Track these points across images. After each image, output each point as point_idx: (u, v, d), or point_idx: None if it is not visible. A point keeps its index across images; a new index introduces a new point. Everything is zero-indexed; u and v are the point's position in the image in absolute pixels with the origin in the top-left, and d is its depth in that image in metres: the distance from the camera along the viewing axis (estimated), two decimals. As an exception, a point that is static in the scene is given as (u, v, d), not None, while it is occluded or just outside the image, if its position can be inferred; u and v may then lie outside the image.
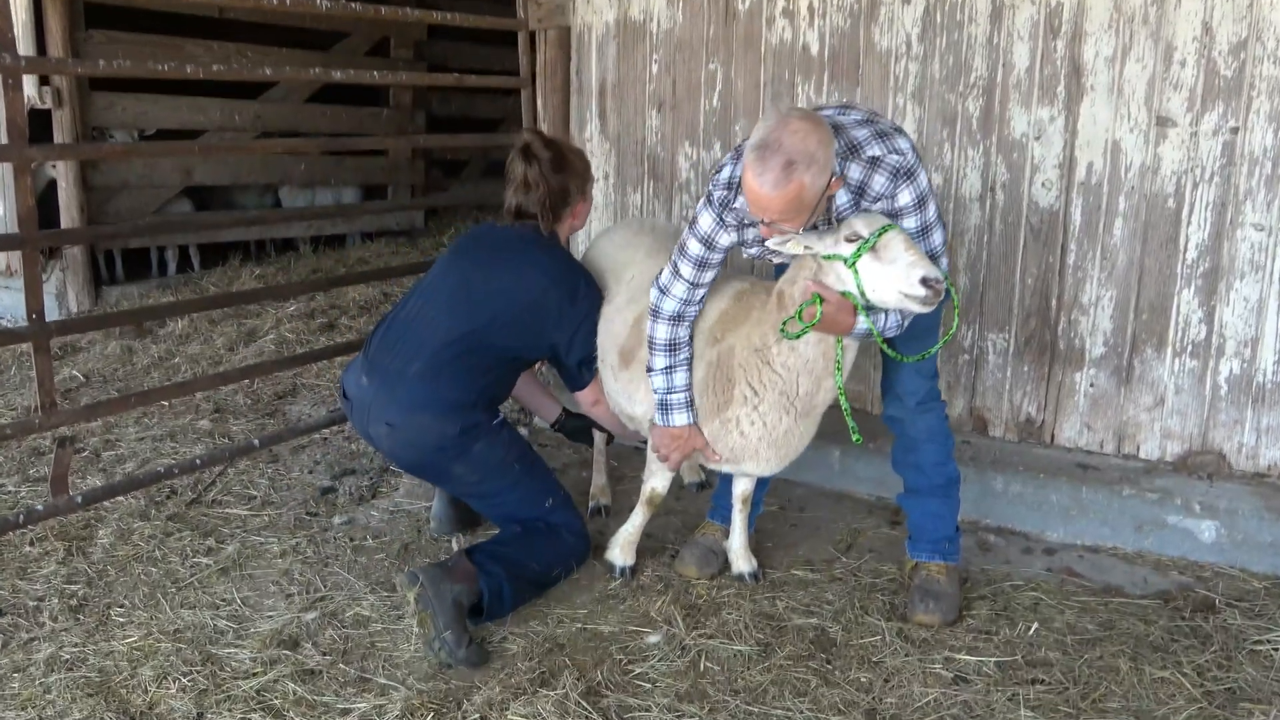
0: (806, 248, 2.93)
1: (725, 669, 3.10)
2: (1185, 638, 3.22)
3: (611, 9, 4.84)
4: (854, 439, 3.15)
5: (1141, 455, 4.05)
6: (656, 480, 3.61)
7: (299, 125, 8.70)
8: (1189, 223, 3.83)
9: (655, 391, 3.35)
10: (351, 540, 3.95)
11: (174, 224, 7.65)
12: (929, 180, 2.96)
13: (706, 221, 3.11)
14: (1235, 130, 3.70)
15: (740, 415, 3.24)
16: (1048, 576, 3.67)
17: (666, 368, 3.31)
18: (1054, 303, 4.11)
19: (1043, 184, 4.04)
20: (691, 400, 3.34)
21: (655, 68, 4.80)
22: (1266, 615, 3.34)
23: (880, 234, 2.81)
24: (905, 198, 2.91)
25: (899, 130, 2.98)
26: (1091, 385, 4.09)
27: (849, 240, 2.85)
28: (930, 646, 3.20)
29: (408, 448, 3.54)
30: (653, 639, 3.27)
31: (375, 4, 4.34)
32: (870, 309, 2.95)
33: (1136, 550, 3.84)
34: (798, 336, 3.05)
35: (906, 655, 3.14)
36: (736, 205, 3.02)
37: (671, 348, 3.30)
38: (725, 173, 3.05)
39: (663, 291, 3.27)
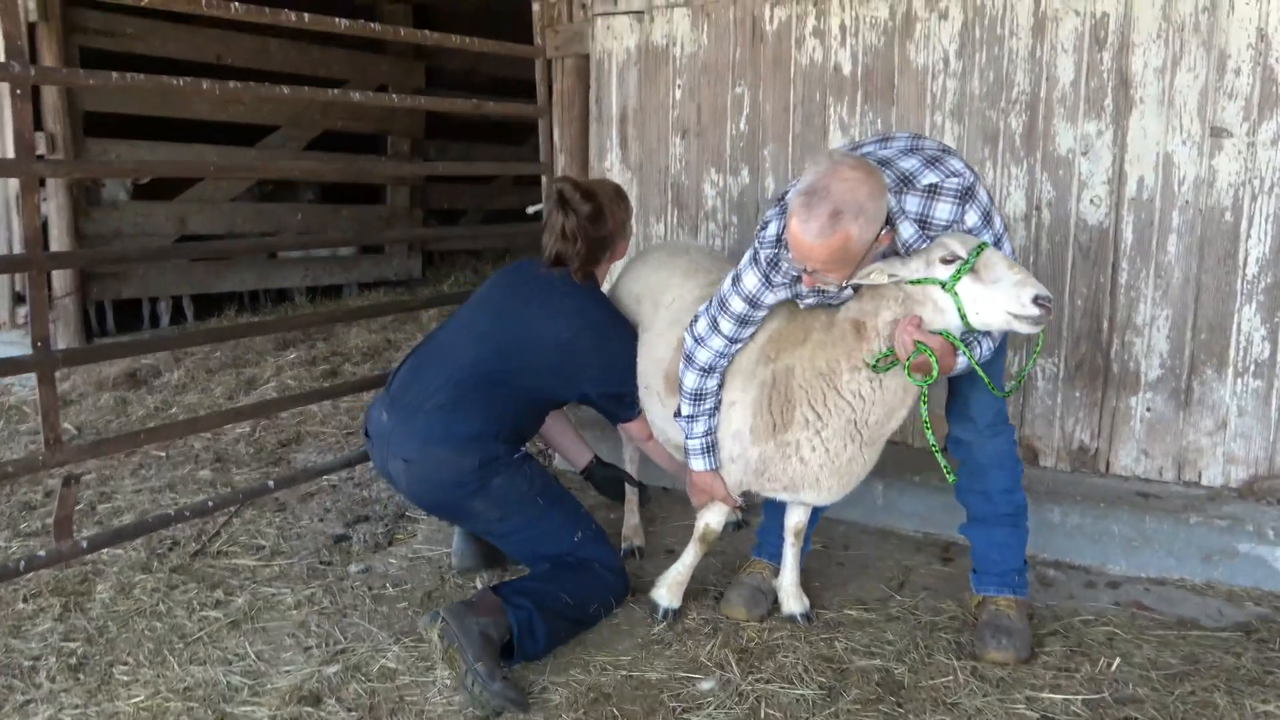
0: (891, 276, 2.74)
1: (788, 715, 2.86)
2: (1279, 669, 3.00)
3: (633, 34, 4.71)
4: (948, 479, 3.00)
5: (1204, 482, 3.85)
6: (711, 515, 3.37)
7: (295, 173, 8.55)
8: (1248, 236, 3.67)
9: (684, 433, 3.25)
10: (370, 589, 3.70)
11: (193, 250, 7.43)
12: (986, 191, 2.81)
13: (752, 282, 2.95)
14: (1295, 139, 3.56)
15: (801, 439, 3.03)
16: (1116, 611, 3.45)
17: (690, 416, 3.20)
18: (1106, 324, 3.93)
19: (1091, 201, 3.89)
20: (711, 447, 3.22)
21: (679, 93, 4.65)
22: (1369, 642, 3.12)
23: (978, 253, 2.62)
24: (973, 217, 2.76)
25: (947, 150, 2.84)
26: (1148, 410, 3.90)
27: (945, 262, 2.67)
28: (1009, 686, 2.97)
29: (425, 485, 3.35)
30: (706, 685, 3.03)
31: (376, 35, 4.15)
32: (966, 336, 2.79)
33: (1206, 581, 3.62)
34: (886, 369, 2.89)
35: (985, 696, 2.91)
36: (785, 263, 2.86)
37: (698, 398, 3.17)
38: (771, 229, 2.86)
39: (698, 341, 3.11)
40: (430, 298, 6.51)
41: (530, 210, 4.96)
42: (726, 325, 3.04)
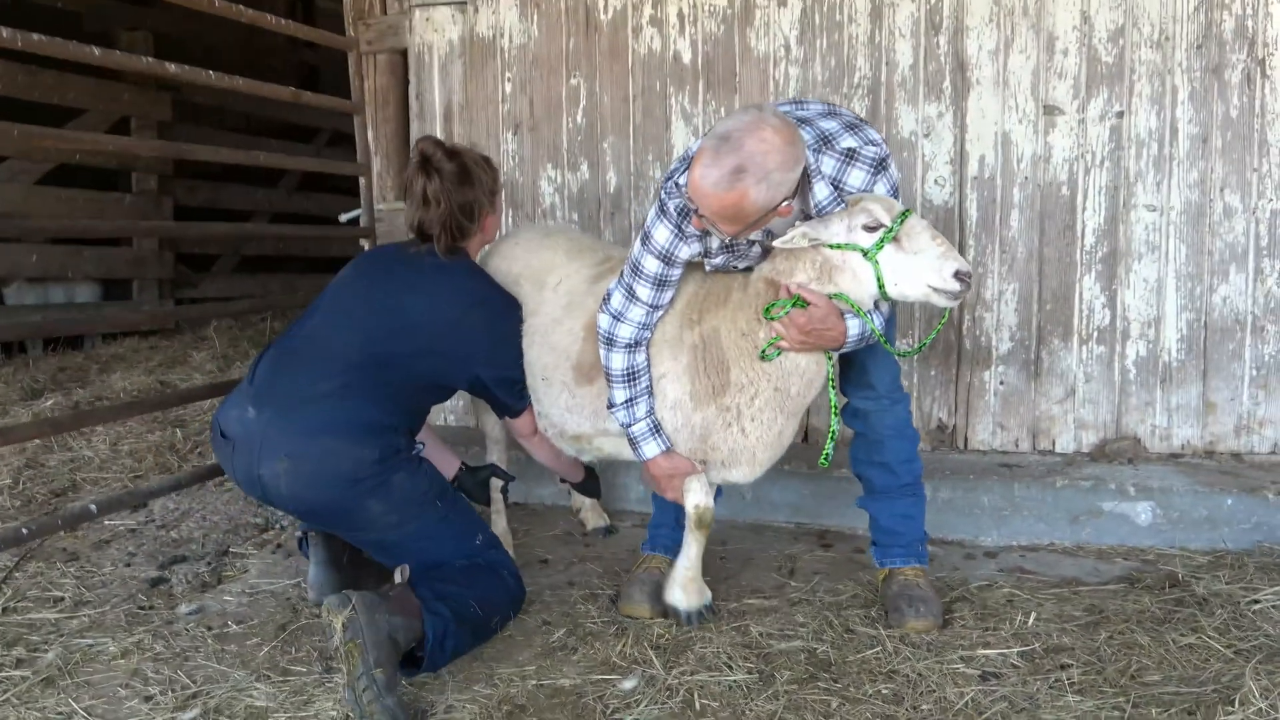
0: (812, 240, 2.62)
1: (726, 703, 2.64)
2: (1181, 607, 3.07)
3: (455, 26, 4.45)
4: (822, 461, 2.90)
5: (1058, 449, 3.98)
6: (696, 495, 3.03)
7: (29, 210, 7.62)
8: (1084, 209, 3.85)
9: (620, 426, 2.98)
10: (210, 629, 3.19)
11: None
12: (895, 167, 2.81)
13: (663, 235, 2.79)
14: (1120, 114, 3.78)
15: (741, 405, 2.86)
16: (1004, 576, 3.46)
17: (627, 400, 2.95)
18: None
19: (935, 181, 3.97)
20: (658, 426, 2.98)
21: (509, 86, 4.43)
22: (1240, 581, 3.25)
23: (901, 220, 2.55)
24: (883, 189, 2.72)
25: (864, 121, 2.81)
26: (1001, 383, 3.99)
27: (868, 229, 2.58)
28: (940, 649, 2.88)
29: (313, 483, 2.90)
30: (628, 684, 2.76)
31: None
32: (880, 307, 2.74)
33: (1075, 543, 3.71)
34: (769, 358, 2.79)
35: (920, 661, 2.80)
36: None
37: (630, 377, 2.94)
38: (683, 176, 2.69)
39: (616, 318, 2.91)
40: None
41: (345, 218, 4.55)
42: (644, 290, 2.85)
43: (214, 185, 9.64)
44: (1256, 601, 3.07)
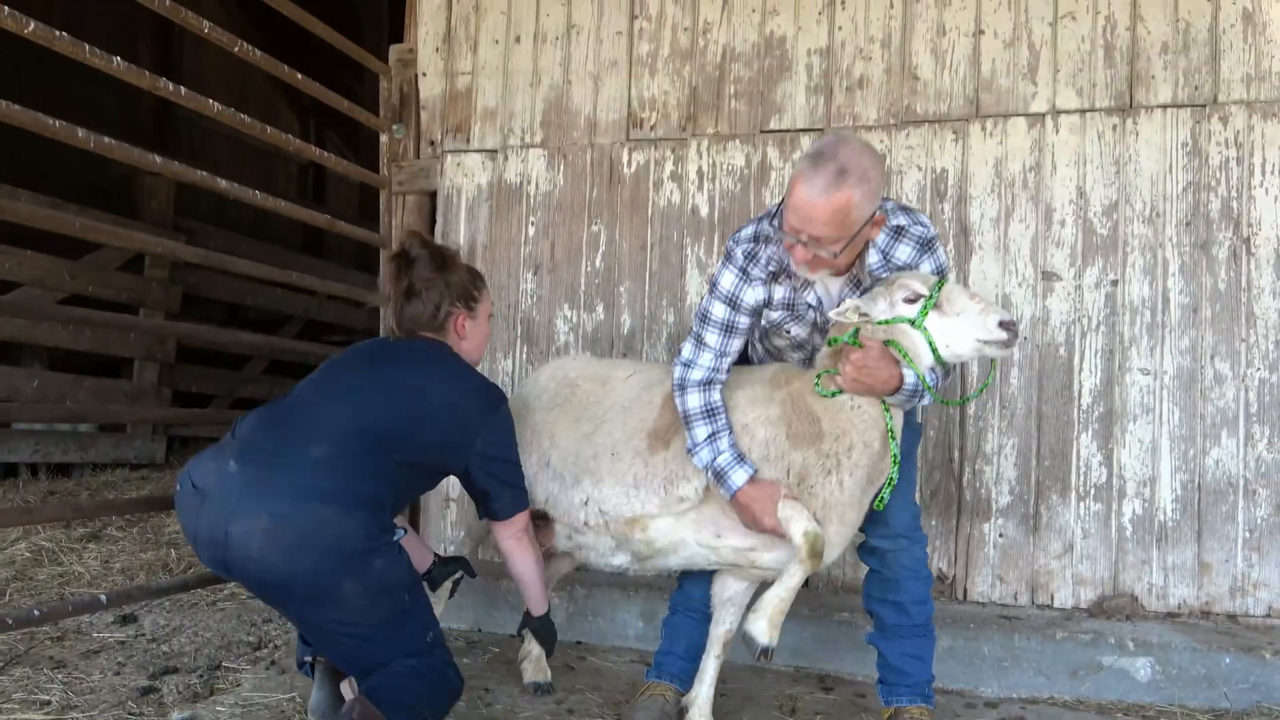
0: (862, 315, 2.77)
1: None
2: (1185, 758, 3.07)
3: (485, 172, 4.70)
4: (877, 505, 2.98)
5: (1056, 604, 4.01)
6: (801, 520, 2.86)
7: (37, 337, 7.74)
8: (1081, 369, 4.01)
9: (704, 468, 2.96)
10: (201, 735, 3.13)
11: None
12: (944, 253, 2.97)
13: (729, 279, 2.96)
14: (1115, 283, 3.99)
15: (839, 453, 2.88)
16: (1007, 727, 3.45)
17: (710, 435, 2.95)
18: (957, 454, 4.12)
19: (939, 337, 4.14)
20: (743, 456, 2.94)
21: (532, 230, 4.64)
22: (1242, 737, 3.26)
23: (939, 288, 2.71)
24: (927, 267, 2.89)
25: (916, 209, 3.01)
26: (1001, 535, 4.06)
27: (908, 301, 2.74)
28: (949, 784, 2.85)
29: (290, 550, 2.69)
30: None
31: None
32: (935, 370, 2.84)
33: (1075, 698, 3.70)
34: (822, 392, 2.88)
35: (931, 794, 2.78)
36: (763, 257, 2.92)
37: (709, 413, 2.98)
38: (748, 229, 2.97)
39: (687, 365, 3.02)
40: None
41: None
42: (711, 337, 2.98)
43: (214, 331, 9.79)
44: (1261, 754, 3.08)
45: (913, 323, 2.74)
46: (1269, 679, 3.52)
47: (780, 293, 2.95)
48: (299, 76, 4.10)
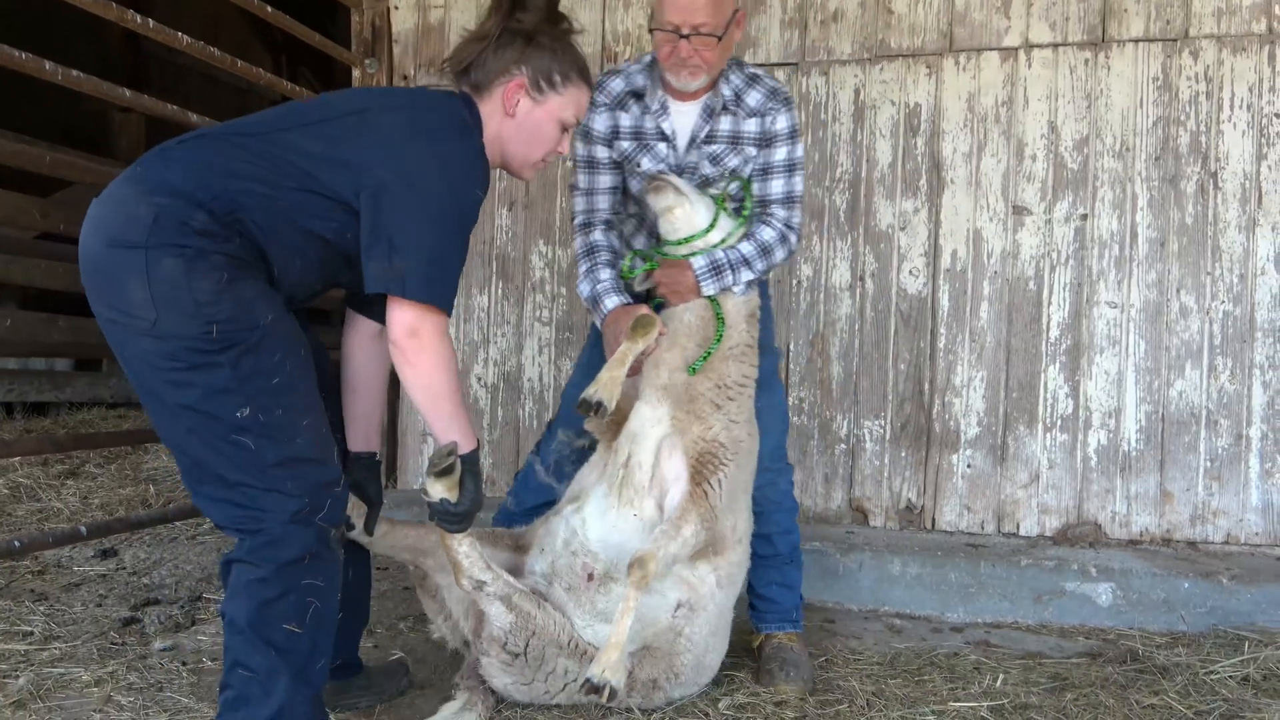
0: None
1: (703, 744, 2.69)
2: (1142, 675, 3.18)
3: (459, 106, 4.68)
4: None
5: (1022, 533, 4.10)
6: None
7: (11, 276, 7.68)
8: (1050, 303, 4.07)
9: (585, 299, 3.11)
10: (184, 664, 3.19)
11: None
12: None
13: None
14: (1084, 217, 4.03)
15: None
16: (970, 648, 3.54)
17: (589, 269, 3.09)
18: (927, 386, 4.18)
19: (910, 271, 4.19)
20: (620, 289, 3.04)
21: (507, 164, 4.63)
22: (1198, 656, 3.36)
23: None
24: (783, 123, 3.02)
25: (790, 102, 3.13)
26: (969, 466, 4.14)
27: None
28: (912, 703, 2.94)
29: (88, 228, 2.19)
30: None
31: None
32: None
33: (1039, 622, 3.80)
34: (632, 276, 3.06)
35: (894, 712, 2.87)
36: (609, 85, 3.08)
37: (588, 251, 3.12)
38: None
39: (572, 215, 3.21)
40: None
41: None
42: (580, 178, 3.17)
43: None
44: (1214, 671, 3.18)
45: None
46: (1225, 603, 3.63)
47: (626, 120, 3.06)
48: (269, 10, 4.07)
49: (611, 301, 3.01)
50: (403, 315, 2.25)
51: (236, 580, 2.21)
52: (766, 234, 3.00)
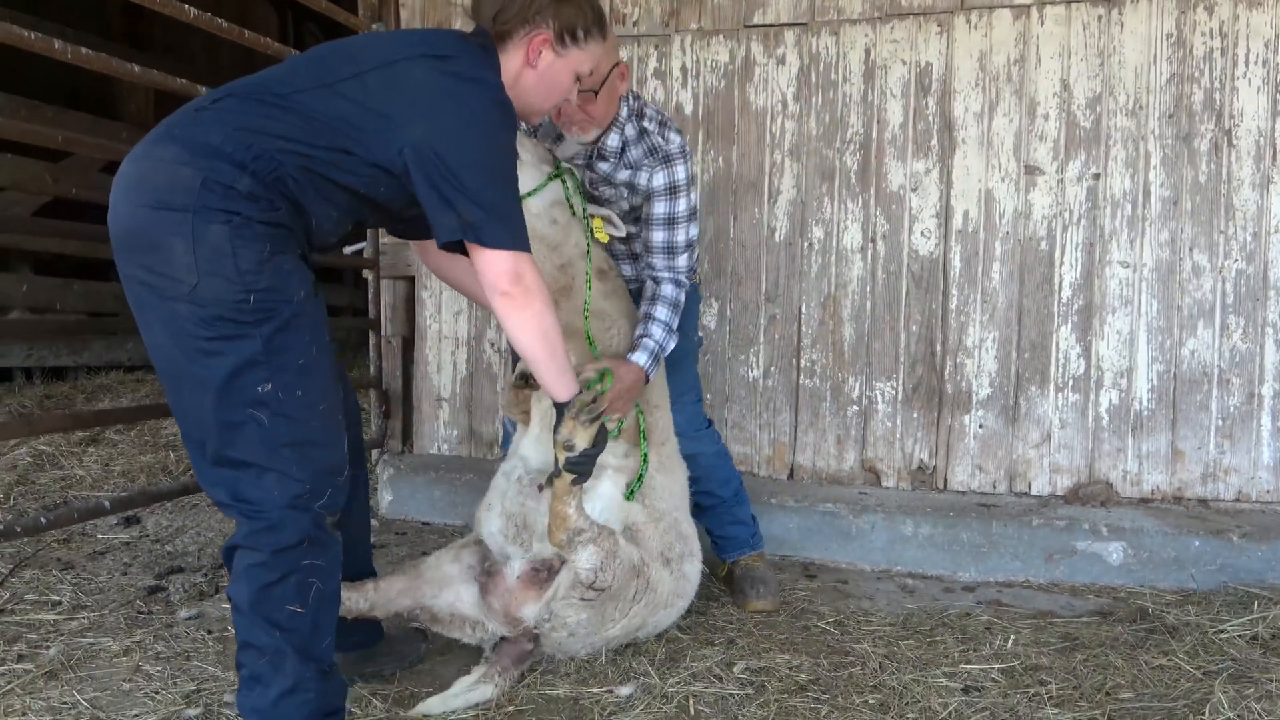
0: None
1: (719, 709, 2.75)
2: (1152, 634, 3.23)
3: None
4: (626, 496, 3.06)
5: (1034, 492, 4.13)
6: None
7: (21, 243, 7.72)
8: (1062, 263, 4.06)
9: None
10: (210, 632, 3.26)
11: None
12: (691, 179, 3.14)
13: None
14: (1097, 176, 4.01)
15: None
16: (982, 608, 3.59)
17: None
18: (939, 347, 4.19)
19: (921, 233, 4.18)
20: None
21: (516, 129, 4.62)
22: (1207, 614, 3.40)
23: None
24: (659, 180, 3.10)
25: (678, 130, 3.16)
26: (980, 426, 4.16)
27: None
28: (924, 665, 3.00)
29: (122, 192, 2.18)
30: (625, 690, 2.86)
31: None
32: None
33: (1050, 581, 3.85)
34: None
35: (906, 674, 2.93)
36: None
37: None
38: None
39: None
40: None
41: (349, 250, 4.70)
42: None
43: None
44: (1223, 631, 3.22)
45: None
46: (1235, 560, 3.66)
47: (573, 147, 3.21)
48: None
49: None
50: (499, 264, 2.25)
51: (238, 564, 2.25)
52: (667, 290, 3.13)
